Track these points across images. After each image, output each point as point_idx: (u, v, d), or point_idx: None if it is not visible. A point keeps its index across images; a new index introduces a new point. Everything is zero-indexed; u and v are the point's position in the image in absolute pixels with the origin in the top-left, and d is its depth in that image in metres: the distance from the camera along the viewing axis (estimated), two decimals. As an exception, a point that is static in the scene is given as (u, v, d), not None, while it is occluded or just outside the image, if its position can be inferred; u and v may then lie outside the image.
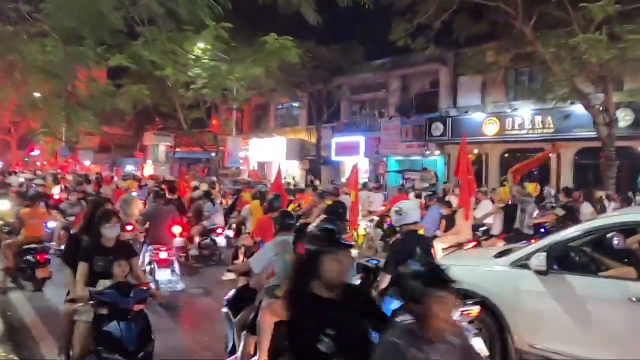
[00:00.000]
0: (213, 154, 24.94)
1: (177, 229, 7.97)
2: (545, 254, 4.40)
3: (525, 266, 4.54)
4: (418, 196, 12.10)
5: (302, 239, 3.85)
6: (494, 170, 18.40)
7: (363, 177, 21.79)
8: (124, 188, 12.05)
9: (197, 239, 9.37)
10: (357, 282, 5.11)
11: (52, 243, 8.25)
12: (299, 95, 23.47)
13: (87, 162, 36.02)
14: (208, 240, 9.44)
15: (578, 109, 14.31)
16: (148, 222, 7.30)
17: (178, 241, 8.17)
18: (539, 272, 4.39)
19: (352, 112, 24.40)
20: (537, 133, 16.21)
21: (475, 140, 18.24)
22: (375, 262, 5.45)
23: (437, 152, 19.72)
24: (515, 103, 17.28)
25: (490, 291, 4.66)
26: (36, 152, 40.63)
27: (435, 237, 8.06)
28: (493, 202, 9.62)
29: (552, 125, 15.76)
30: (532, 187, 10.73)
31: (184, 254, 9.01)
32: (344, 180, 21.38)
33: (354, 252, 5.62)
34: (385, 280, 4.41)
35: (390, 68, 21.14)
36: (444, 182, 16.92)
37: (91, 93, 9.71)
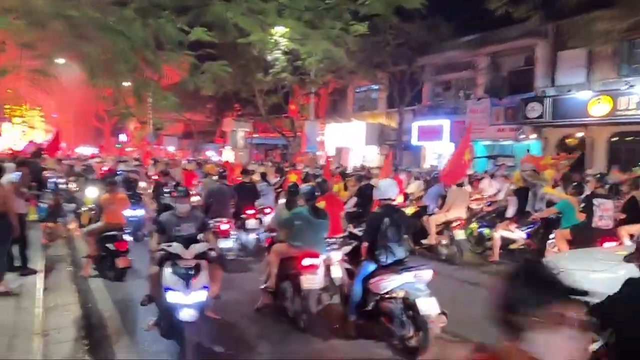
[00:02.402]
0: (290, 140, 24.71)
1: (250, 211, 9.09)
2: None
3: None
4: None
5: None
6: (600, 155, 16.30)
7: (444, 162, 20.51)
8: (194, 170, 13.62)
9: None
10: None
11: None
12: (379, 77, 22.40)
13: (171, 148, 37.53)
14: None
15: None
16: (211, 199, 8.54)
17: (252, 223, 9.03)
18: None
19: (436, 94, 22.92)
20: (658, 113, 14.00)
21: (579, 123, 16.29)
22: None
23: (533, 135, 17.87)
24: (631, 79, 15.05)
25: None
26: (125, 138, 43.12)
27: (432, 214, 8.91)
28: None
29: (678, 104, 13.52)
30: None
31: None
32: (426, 166, 20.22)
33: None
34: (364, 247, 5.30)
35: (479, 45, 19.41)
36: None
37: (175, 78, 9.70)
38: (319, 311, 5.48)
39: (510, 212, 8.85)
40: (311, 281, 5.36)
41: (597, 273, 4.66)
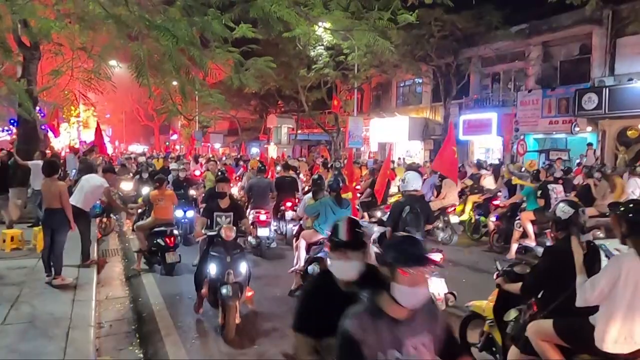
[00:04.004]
0: (334, 135, 24.64)
1: (289, 203, 9.65)
2: None
3: None
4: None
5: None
6: (664, 149, 15.28)
7: (495, 158, 19.82)
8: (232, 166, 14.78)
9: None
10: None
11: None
12: (424, 70, 21.91)
13: (217, 145, 38.30)
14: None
15: None
16: (251, 192, 9.23)
17: (289, 214, 9.48)
18: None
19: (483, 86, 22.18)
20: None
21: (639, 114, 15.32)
22: None
23: (589, 128, 16.97)
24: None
25: None
26: (174, 137, 44.39)
27: (429, 201, 9.40)
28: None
29: None
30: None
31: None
32: (474, 160, 19.62)
33: None
34: (388, 232, 5.84)
35: (530, 34, 18.61)
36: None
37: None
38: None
39: (501, 201, 10.10)
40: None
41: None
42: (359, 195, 10.03)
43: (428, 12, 16.45)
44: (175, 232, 7.49)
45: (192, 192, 10.43)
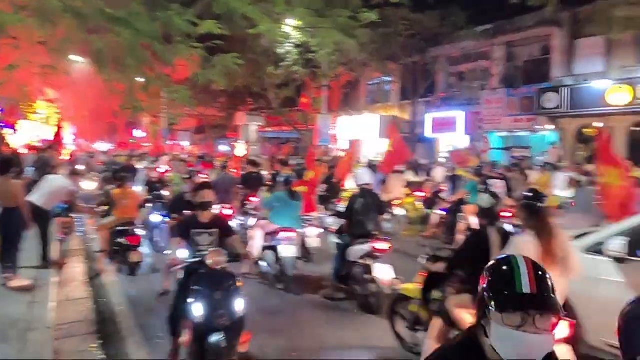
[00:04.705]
0: (303, 133, 24.64)
1: (253, 198, 9.71)
2: (626, 239, 3.78)
3: (600, 252, 4.01)
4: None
5: None
6: (620, 146, 15.89)
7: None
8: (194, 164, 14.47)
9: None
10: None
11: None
12: (392, 69, 22.15)
13: (185, 143, 37.72)
14: None
15: None
16: (215, 188, 8.72)
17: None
18: (616, 259, 3.77)
19: (449, 85, 22.59)
20: (681, 102, 13.60)
21: (597, 113, 15.91)
22: None
23: (550, 126, 17.52)
24: (652, 67, 14.66)
25: None
26: (141, 134, 43.44)
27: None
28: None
29: None
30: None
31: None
32: (442, 159, 19.98)
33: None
34: (345, 223, 6.42)
35: (494, 34, 19.06)
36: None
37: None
38: (295, 275, 6.76)
39: (446, 194, 10.77)
40: (288, 250, 6.64)
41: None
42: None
43: (395, 11, 16.68)
44: (139, 231, 7.34)
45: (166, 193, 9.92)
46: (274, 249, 6.76)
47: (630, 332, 1.34)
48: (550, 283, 1.47)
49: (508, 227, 4.02)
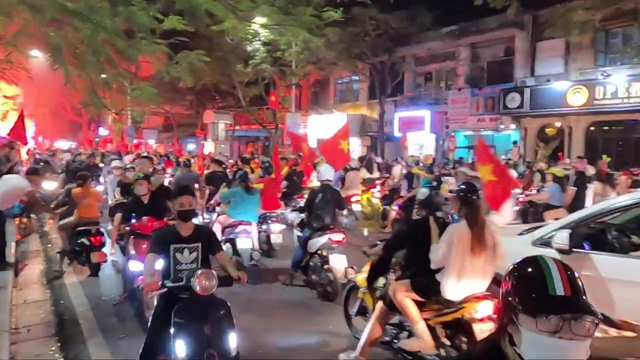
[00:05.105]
0: (272, 132, 24.53)
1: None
2: (568, 231, 4.05)
3: (548, 244, 4.17)
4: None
5: None
6: (578, 144, 16.53)
7: (428, 154, 20.55)
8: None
9: None
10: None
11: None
12: (360, 68, 22.32)
13: (151, 142, 36.96)
14: None
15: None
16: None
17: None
18: (561, 251, 3.93)
19: (417, 84, 22.94)
20: (634, 102, 14.21)
21: (557, 112, 16.48)
22: None
23: (513, 125, 18.03)
24: (607, 69, 15.27)
25: None
26: (104, 132, 42.33)
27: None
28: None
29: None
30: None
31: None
32: (409, 156, 20.23)
33: None
34: (306, 216, 6.85)
35: (459, 35, 19.45)
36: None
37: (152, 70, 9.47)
38: (258, 268, 7.17)
39: (403, 191, 11.17)
40: (244, 242, 7.01)
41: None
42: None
43: (363, 10, 16.81)
44: (102, 230, 7.16)
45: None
46: (231, 241, 7.13)
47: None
48: (582, 285, 1.33)
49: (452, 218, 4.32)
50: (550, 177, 8.87)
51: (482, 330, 3.65)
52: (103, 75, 7.33)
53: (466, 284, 3.73)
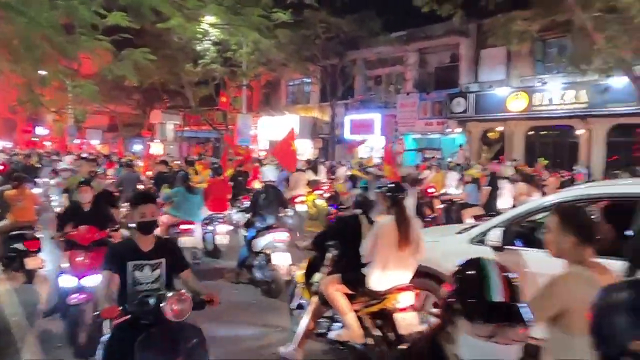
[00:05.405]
0: (222, 133, 24.17)
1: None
2: (501, 229, 4.31)
3: (484, 242, 4.44)
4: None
5: None
6: (519, 148, 17.37)
7: (377, 156, 20.94)
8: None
9: None
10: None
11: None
12: (312, 70, 22.42)
13: (95, 142, 35.46)
14: None
15: (614, 82, 13.23)
16: (121, 186, 9.37)
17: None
18: (495, 248, 4.23)
19: (367, 88, 23.32)
20: (568, 109, 15.11)
21: (499, 117, 17.23)
22: None
23: (459, 129, 18.69)
24: (545, 77, 16.14)
25: (449, 268, 4.14)
26: (44, 132, 40.19)
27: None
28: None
29: (585, 100, 14.63)
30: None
31: None
32: (354, 160, 20.53)
33: None
34: (250, 216, 7.04)
35: (408, 41, 19.98)
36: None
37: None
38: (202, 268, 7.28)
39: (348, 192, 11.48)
40: (187, 241, 7.06)
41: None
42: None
43: (314, 13, 16.92)
44: (38, 234, 6.78)
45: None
46: (174, 240, 7.29)
47: (602, 324, 1.24)
48: (518, 290, 1.37)
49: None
50: (469, 178, 9.71)
51: (404, 319, 3.94)
52: (42, 72, 6.98)
53: (390, 276, 4.01)
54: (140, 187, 9.78)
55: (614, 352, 1.23)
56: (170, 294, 2.81)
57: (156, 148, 28.02)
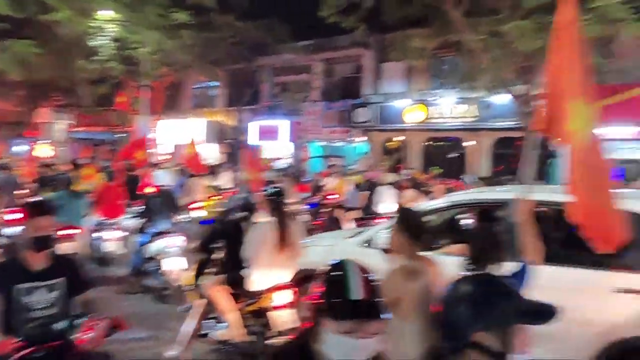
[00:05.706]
0: (120, 135, 22.78)
1: None
2: (388, 232, 4.57)
3: (373, 245, 4.76)
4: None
5: None
6: (416, 157, 18.42)
7: (284, 162, 21.03)
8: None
9: None
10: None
11: None
12: (218, 74, 21.98)
13: (-32, 141, 31.55)
14: None
15: (497, 99, 14.57)
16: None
17: None
18: (383, 250, 4.43)
19: (274, 94, 23.37)
20: (459, 122, 16.37)
21: (399, 128, 18.18)
22: None
23: (362, 138, 19.40)
24: (439, 91, 17.33)
25: None
26: None
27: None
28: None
29: (474, 115, 15.96)
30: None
31: None
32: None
33: None
34: (144, 221, 6.96)
35: (314, 50, 20.36)
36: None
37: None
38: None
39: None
40: (67, 247, 6.65)
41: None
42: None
43: (220, 16, 16.63)
44: None
45: None
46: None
47: (448, 316, 1.47)
48: (377, 288, 1.51)
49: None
50: (352, 184, 10.73)
51: (280, 316, 4.13)
52: None
53: (270, 275, 4.23)
54: (19, 192, 9.18)
55: (458, 344, 1.42)
56: (84, 319, 2.49)
57: (42, 150, 25.61)
